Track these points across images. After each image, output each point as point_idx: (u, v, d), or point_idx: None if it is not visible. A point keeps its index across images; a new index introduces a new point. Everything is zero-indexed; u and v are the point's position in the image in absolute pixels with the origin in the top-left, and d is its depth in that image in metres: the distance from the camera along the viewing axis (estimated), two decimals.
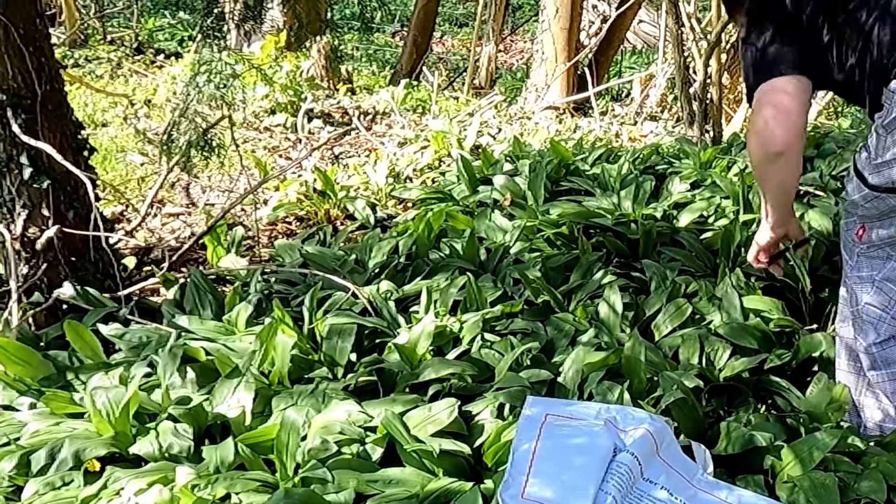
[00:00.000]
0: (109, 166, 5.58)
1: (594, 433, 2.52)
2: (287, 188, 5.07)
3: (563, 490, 2.37)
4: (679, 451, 2.59)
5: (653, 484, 2.47)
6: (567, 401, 2.79)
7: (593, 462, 2.42)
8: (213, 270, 3.98)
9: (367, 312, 3.34)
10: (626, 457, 2.46)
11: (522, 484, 2.39)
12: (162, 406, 2.81)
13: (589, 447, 2.47)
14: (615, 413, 2.63)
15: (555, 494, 2.36)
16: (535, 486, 2.39)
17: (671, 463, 2.54)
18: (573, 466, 2.42)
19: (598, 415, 2.62)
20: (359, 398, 2.81)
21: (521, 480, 2.40)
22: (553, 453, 2.47)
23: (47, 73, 3.43)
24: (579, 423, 2.59)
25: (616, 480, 2.40)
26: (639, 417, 2.61)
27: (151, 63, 8.99)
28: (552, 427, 2.55)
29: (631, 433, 2.54)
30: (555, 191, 4.70)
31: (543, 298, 3.48)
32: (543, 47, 8.78)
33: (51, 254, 3.50)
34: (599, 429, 2.53)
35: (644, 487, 2.46)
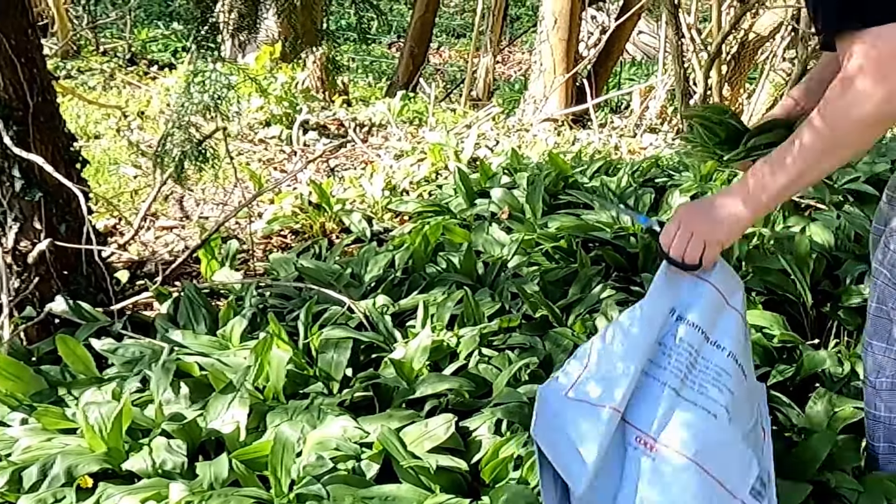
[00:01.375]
0: (102, 179, 5.58)
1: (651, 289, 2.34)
2: (282, 201, 5.08)
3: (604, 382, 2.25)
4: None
5: (720, 349, 2.31)
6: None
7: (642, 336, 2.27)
8: (207, 284, 3.99)
9: (362, 327, 3.35)
10: (683, 329, 2.30)
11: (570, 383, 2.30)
12: (155, 421, 2.81)
13: (642, 318, 2.30)
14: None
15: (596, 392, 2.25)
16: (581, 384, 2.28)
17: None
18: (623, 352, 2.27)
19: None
20: (354, 414, 2.81)
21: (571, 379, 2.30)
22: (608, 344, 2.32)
23: (39, 85, 3.44)
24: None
25: (673, 365, 2.27)
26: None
27: (145, 74, 9.00)
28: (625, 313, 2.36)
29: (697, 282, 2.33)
30: (553, 204, 4.71)
31: (541, 313, 3.49)
32: (542, 58, 8.80)
33: (43, 267, 3.51)
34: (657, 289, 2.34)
35: (710, 356, 2.29)
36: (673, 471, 2.18)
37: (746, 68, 8.94)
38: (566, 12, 8.55)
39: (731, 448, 2.23)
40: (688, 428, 2.20)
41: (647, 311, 2.28)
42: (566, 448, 2.21)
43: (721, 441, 2.22)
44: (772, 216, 4.21)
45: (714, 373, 2.26)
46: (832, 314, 3.67)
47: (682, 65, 5.93)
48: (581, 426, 2.21)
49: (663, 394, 2.23)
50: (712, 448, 2.20)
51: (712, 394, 2.23)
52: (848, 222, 4.22)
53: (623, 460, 2.23)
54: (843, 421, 2.90)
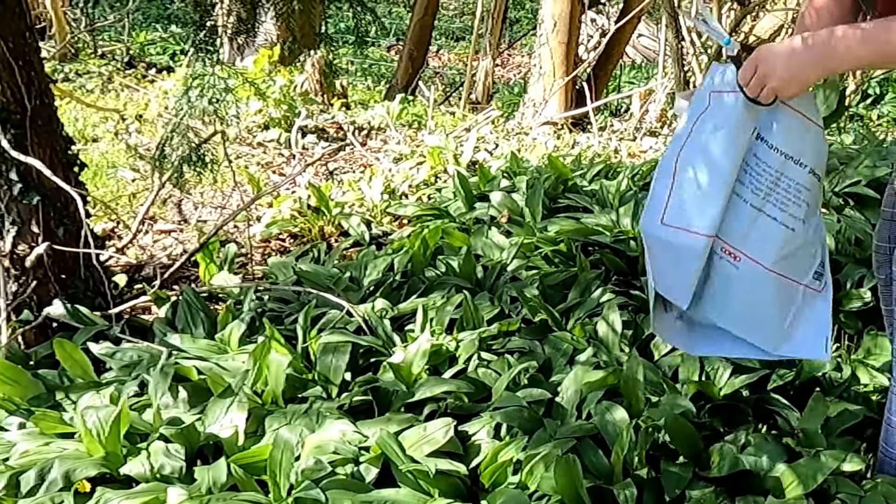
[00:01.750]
0: (100, 182, 5.59)
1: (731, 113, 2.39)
2: (281, 204, 5.08)
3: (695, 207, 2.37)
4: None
5: (802, 167, 2.39)
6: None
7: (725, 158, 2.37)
8: (206, 288, 3.99)
9: (361, 331, 3.36)
10: (765, 150, 2.38)
11: (662, 209, 2.40)
12: (153, 426, 2.81)
13: (725, 139, 2.37)
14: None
15: (689, 215, 2.37)
16: (673, 207, 2.39)
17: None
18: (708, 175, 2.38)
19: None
20: (353, 418, 2.82)
21: (660, 206, 2.40)
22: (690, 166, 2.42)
23: (37, 88, 3.44)
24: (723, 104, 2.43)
25: (756, 184, 2.38)
26: None
27: (143, 77, 9.00)
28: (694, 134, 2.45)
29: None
30: (552, 207, 4.71)
31: (541, 317, 3.49)
32: (541, 62, 8.80)
33: (40, 271, 3.51)
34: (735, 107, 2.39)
35: (792, 174, 2.38)
36: (754, 278, 2.37)
37: None
38: (566, 15, 8.55)
39: (804, 251, 2.42)
40: (768, 241, 2.37)
41: (730, 133, 2.36)
42: (668, 270, 2.42)
43: (796, 249, 2.40)
44: None
45: (795, 190, 2.38)
46: (833, 318, 3.66)
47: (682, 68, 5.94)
48: (677, 251, 2.37)
49: (747, 211, 2.37)
50: (788, 256, 2.39)
51: (792, 210, 2.37)
52: (848, 226, 4.22)
53: (710, 268, 2.40)
54: (841, 425, 2.91)
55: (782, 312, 2.44)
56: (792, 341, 2.47)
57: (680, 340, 2.60)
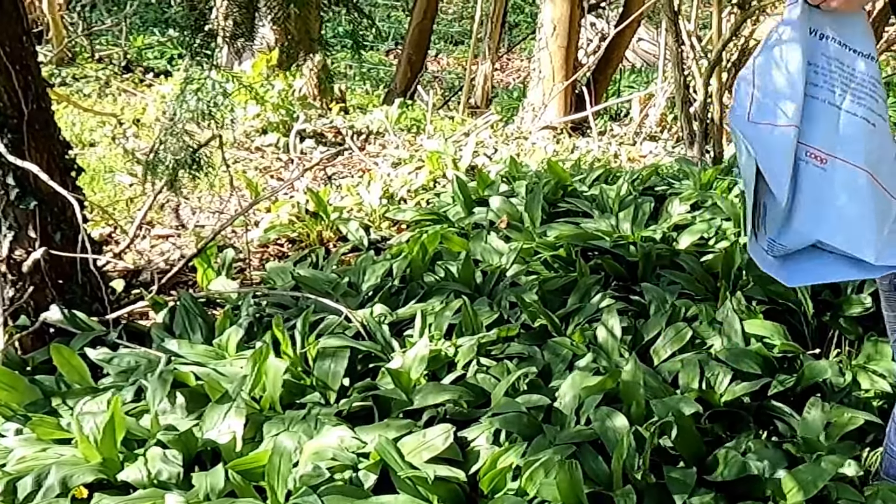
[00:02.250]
0: (97, 187, 5.59)
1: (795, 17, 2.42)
2: (279, 209, 5.09)
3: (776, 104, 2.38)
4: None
5: (867, 57, 2.41)
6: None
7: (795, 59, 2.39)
8: (204, 293, 3.99)
9: (360, 336, 3.36)
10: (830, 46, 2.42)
11: (747, 108, 2.41)
12: (151, 432, 2.82)
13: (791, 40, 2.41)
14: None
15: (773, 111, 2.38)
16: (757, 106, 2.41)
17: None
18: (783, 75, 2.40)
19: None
20: (352, 424, 2.82)
21: (745, 104, 2.41)
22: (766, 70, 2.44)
23: (34, 92, 3.44)
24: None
25: (829, 81, 2.40)
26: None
27: (140, 82, 9.01)
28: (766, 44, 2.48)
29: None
30: (552, 212, 4.71)
31: (540, 322, 3.49)
32: (541, 66, 8.82)
33: (37, 276, 3.51)
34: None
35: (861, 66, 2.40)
36: (846, 178, 2.34)
37: None
38: (565, 19, 8.57)
39: (890, 152, 2.39)
40: (853, 139, 2.35)
41: (795, 34, 2.38)
42: (768, 166, 2.37)
43: (882, 146, 2.37)
44: None
45: (870, 83, 2.38)
46: (833, 324, 3.67)
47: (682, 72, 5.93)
48: (769, 144, 2.36)
49: (826, 110, 2.37)
50: (876, 155, 2.36)
51: (869, 103, 2.36)
52: None
53: (798, 177, 2.39)
54: (841, 429, 2.92)
55: (879, 220, 2.37)
56: (893, 252, 2.39)
57: (774, 271, 2.54)
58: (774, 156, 2.35)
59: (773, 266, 2.52)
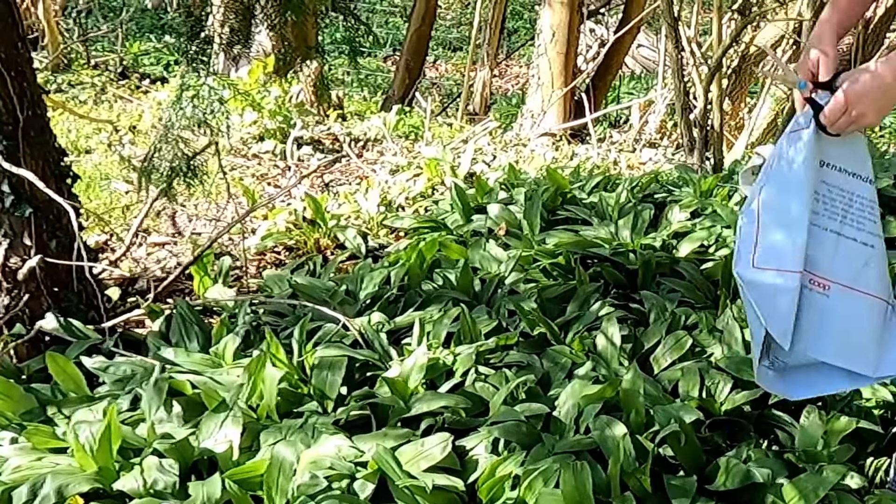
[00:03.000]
0: (93, 194, 5.59)
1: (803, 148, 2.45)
2: (276, 217, 5.09)
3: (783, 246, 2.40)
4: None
5: (864, 180, 2.47)
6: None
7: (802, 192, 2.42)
8: (200, 301, 4.00)
9: (357, 345, 3.36)
10: (831, 174, 2.45)
11: (751, 253, 2.42)
12: (147, 441, 2.82)
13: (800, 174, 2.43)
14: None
15: (778, 254, 2.40)
16: (761, 250, 2.41)
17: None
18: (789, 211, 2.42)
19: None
20: (349, 433, 2.82)
21: (749, 249, 2.42)
22: (771, 206, 2.45)
23: (29, 99, 3.44)
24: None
25: (830, 209, 2.44)
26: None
27: (136, 88, 9.01)
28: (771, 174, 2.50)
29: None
30: (551, 220, 4.72)
31: (539, 330, 3.50)
32: (539, 72, 8.83)
33: (33, 284, 3.51)
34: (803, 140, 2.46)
35: (860, 191, 2.46)
36: (846, 303, 2.42)
37: (747, 82, 8.96)
38: (564, 25, 8.59)
39: (884, 264, 2.47)
40: (853, 263, 2.43)
41: (804, 167, 2.41)
42: (771, 311, 2.39)
43: (878, 265, 2.46)
44: None
45: (869, 207, 2.46)
46: None
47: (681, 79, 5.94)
48: (773, 291, 2.38)
49: (828, 238, 2.43)
50: (873, 274, 2.44)
51: (868, 227, 2.45)
52: None
53: (801, 303, 2.41)
54: (839, 434, 2.92)
55: (875, 333, 2.46)
56: (888, 360, 2.47)
57: (775, 386, 2.60)
58: (779, 303, 2.38)
59: (773, 381, 2.56)
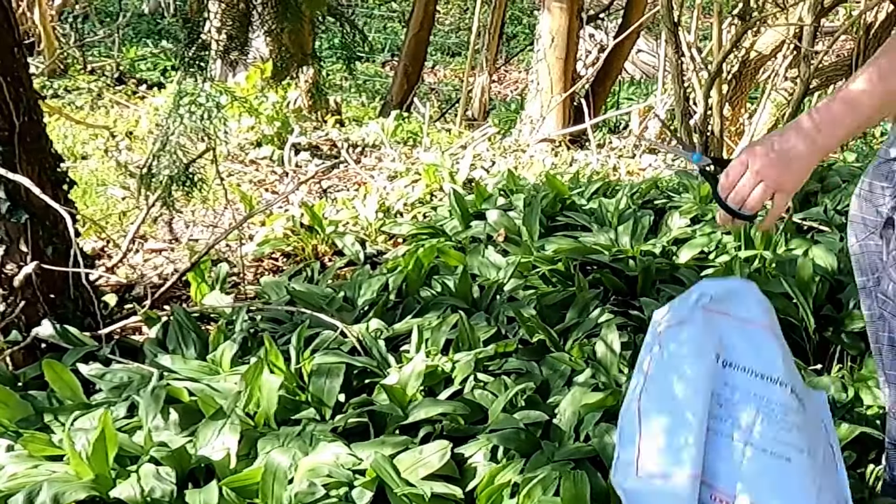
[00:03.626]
0: (90, 200, 5.59)
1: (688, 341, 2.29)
2: (273, 223, 5.09)
3: (670, 450, 2.19)
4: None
5: (777, 384, 2.24)
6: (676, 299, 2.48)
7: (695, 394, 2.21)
8: (197, 308, 4.00)
9: (355, 352, 3.36)
10: (735, 375, 2.26)
11: (634, 459, 2.23)
12: (144, 448, 2.81)
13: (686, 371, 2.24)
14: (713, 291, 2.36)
15: (664, 461, 2.18)
16: (646, 455, 2.21)
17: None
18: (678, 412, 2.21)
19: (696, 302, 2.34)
20: (347, 440, 2.82)
21: (632, 455, 2.24)
22: (656, 405, 2.27)
23: (25, 104, 3.45)
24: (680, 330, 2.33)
25: (736, 415, 2.21)
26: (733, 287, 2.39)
27: (133, 94, 9.02)
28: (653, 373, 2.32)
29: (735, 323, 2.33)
30: (550, 226, 4.72)
31: (538, 337, 3.50)
32: (539, 78, 8.83)
33: (29, 291, 3.52)
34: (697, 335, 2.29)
35: (770, 394, 2.23)
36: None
37: (748, 88, 8.97)
38: (564, 31, 8.59)
39: (810, 488, 2.19)
40: (763, 479, 2.17)
41: (693, 369, 2.24)
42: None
43: (799, 485, 2.19)
44: (773, 239, 4.23)
45: (780, 413, 2.22)
46: (835, 339, 3.68)
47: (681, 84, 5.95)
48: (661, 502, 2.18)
49: (732, 447, 2.20)
50: (792, 494, 2.17)
51: (782, 437, 2.20)
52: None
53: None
54: (841, 441, 2.92)
55: None
56: None
57: None
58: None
59: None
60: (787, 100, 7.98)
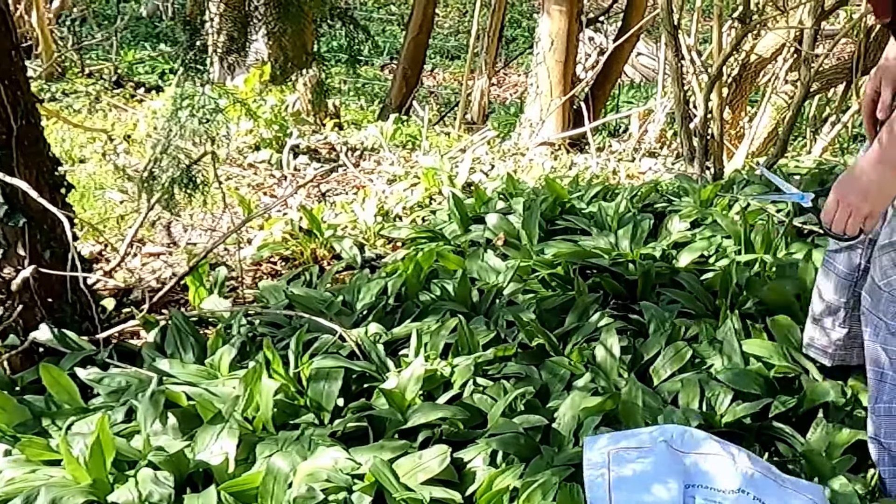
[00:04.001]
0: (88, 204, 5.59)
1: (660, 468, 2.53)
2: (272, 227, 5.09)
3: None
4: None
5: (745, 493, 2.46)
6: (623, 432, 2.78)
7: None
8: (196, 312, 4.00)
9: (354, 356, 3.36)
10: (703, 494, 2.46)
11: None
12: (142, 453, 2.82)
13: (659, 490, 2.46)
14: (672, 432, 2.68)
15: None
16: None
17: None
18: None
19: (654, 438, 2.64)
20: (346, 445, 2.82)
21: None
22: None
23: (23, 108, 3.44)
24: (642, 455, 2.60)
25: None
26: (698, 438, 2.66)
27: (131, 97, 9.01)
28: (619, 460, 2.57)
29: (694, 457, 2.58)
30: (550, 230, 4.72)
31: (538, 341, 3.50)
32: (538, 81, 8.84)
33: (27, 295, 3.52)
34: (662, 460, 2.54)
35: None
36: None
37: (748, 91, 8.97)
38: (563, 34, 8.60)
39: None
40: None
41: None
42: None
43: None
44: (773, 242, 4.23)
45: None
46: None
47: (681, 87, 5.94)
48: None
49: None
50: None
51: None
52: None
53: None
54: (842, 446, 2.93)
55: None
56: None
57: None
58: None
59: None
60: (788, 103, 7.98)
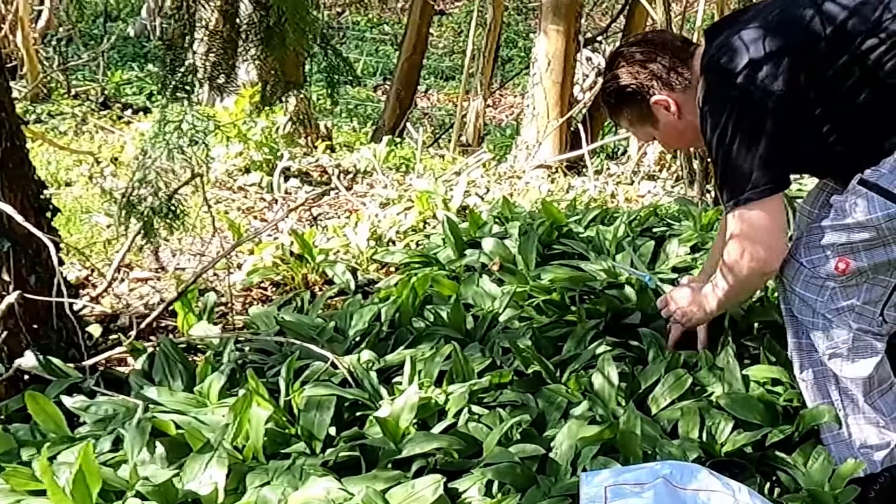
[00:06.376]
0: (74, 228, 5.60)
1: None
2: (262, 252, 5.09)
3: None
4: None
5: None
6: (621, 468, 2.81)
7: None
8: (184, 339, 4.00)
9: (347, 383, 3.36)
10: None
11: None
12: (129, 483, 2.82)
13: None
14: (671, 468, 2.71)
15: None
16: None
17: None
18: None
19: (653, 474, 2.69)
20: (338, 474, 2.83)
21: None
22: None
23: (8, 129, 3.45)
24: (641, 491, 2.63)
25: None
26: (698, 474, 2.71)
27: (118, 118, 9.04)
28: (617, 494, 2.60)
29: (693, 493, 2.62)
30: (546, 254, 4.73)
31: (534, 369, 3.50)
32: (535, 102, 8.85)
33: (11, 321, 3.51)
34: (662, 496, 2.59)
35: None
36: None
37: None
38: (560, 54, 8.62)
39: None
40: None
41: None
42: None
43: None
44: None
45: None
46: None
47: None
48: None
49: None
50: None
51: None
52: None
53: None
54: (845, 477, 2.94)
55: None
56: None
57: None
58: None
59: None
60: None
